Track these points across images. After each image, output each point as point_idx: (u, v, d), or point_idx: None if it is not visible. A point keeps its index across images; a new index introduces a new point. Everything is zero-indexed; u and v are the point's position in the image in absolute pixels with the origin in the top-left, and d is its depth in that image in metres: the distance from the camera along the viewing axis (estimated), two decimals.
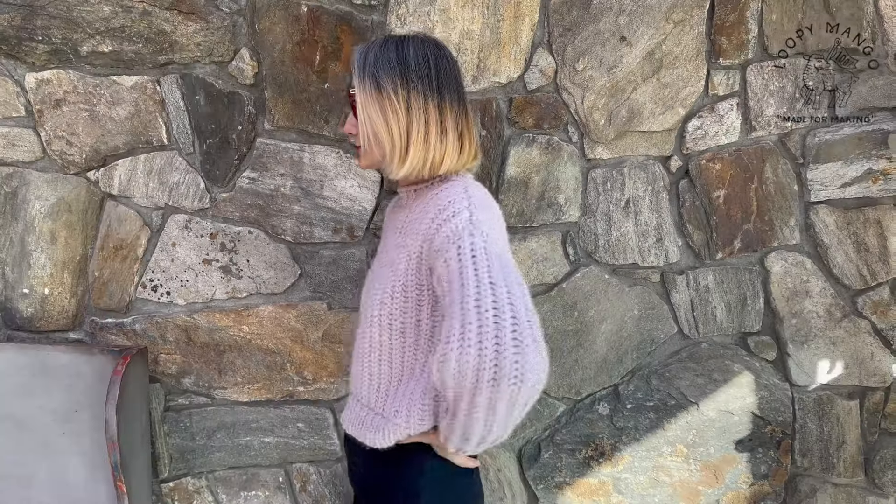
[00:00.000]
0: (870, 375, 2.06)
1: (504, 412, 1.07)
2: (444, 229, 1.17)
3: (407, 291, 1.25)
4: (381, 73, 1.26)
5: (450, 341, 1.05)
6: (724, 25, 1.92)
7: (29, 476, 1.92)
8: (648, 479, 2.12)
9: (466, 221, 1.16)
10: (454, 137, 1.29)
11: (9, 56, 1.84)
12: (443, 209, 1.20)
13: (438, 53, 1.29)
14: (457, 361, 1.04)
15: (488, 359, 1.02)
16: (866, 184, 1.98)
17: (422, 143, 1.26)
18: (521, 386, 1.03)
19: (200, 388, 2.03)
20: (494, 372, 1.02)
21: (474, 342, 1.03)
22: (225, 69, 1.88)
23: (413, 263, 1.24)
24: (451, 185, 1.25)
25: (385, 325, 1.30)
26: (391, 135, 1.27)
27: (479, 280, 1.08)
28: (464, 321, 1.05)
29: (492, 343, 1.02)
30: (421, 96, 1.25)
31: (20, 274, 1.94)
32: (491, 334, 1.03)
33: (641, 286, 2.04)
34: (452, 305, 1.08)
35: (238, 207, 1.94)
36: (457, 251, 1.13)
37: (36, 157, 1.90)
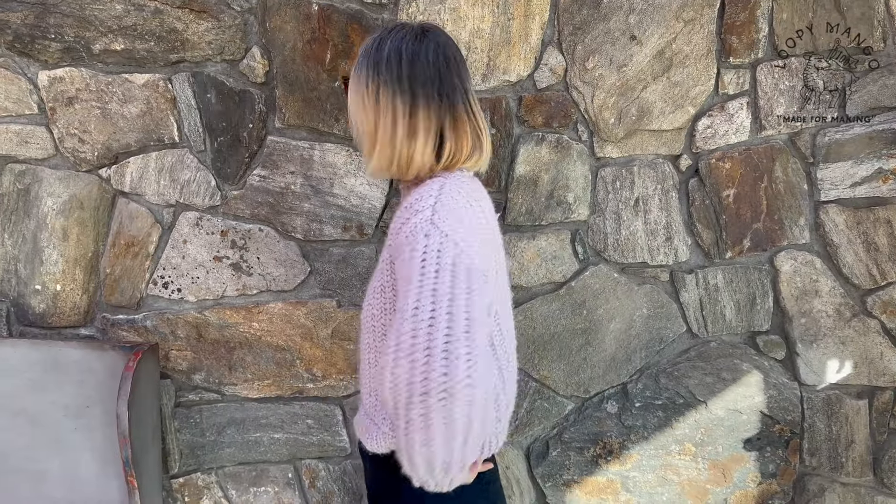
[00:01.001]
0: (879, 375, 2.05)
1: (441, 431, 0.96)
2: (404, 229, 1.11)
3: (385, 293, 1.21)
4: (360, 64, 1.23)
5: (387, 352, 0.99)
6: (735, 24, 1.91)
7: (41, 471, 1.94)
8: (656, 477, 2.12)
9: (426, 221, 1.09)
10: (427, 139, 1.20)
11: (22, 54, 1.85)
12: (408, 207, 1.13)
13: (419, 49, 1.21)
14: (391, 373, 0.98)
15: (419, 371, 0.95)
16: (876, 183, 1.97)
17: (388, 142, 1.20)
18: (451, 401, 0.94)
19: (211, 385, 2.04)
20: (424, 385, 0.95)
21: (406, 353, 0.97)
22: (236, 67, 1.89)
23: (386, 264, 1.20)
24: (429, 184, 1.17)
25: (369, 328, 1.26)
26: (361, 128, 1.24)
27: (422, 287, 1.02)
28: (400, 331, 0.99)
29: (423, 355, 0.96)
30: (390, 93, 1.19)
31: (32, 270, 1.96)
32: (422, 346, 0.96)
33: (650, 285, 2.04)
34: (396, 312, 1.03)
35: (249, 205, 1.95)
36: (409, 252, 1.07)
37: (48, 155, 1.92)
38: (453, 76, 1.23)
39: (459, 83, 1.24)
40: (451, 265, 1.04)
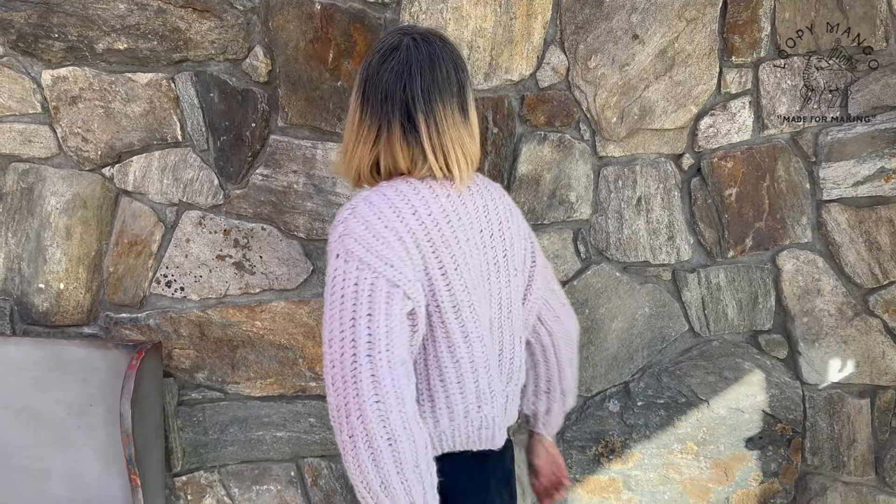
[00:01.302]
0: (881, 374, 2.06)
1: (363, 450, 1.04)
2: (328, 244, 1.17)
3: None
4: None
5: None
6: (737, 23, 1.92)
7: (44, 469, 1.94)
8: (658, 476, 2.12)
9: (336, 239, 1.13)
10: (364, 152, 1.24)
11: (25, 53, 1.86)
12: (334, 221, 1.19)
13: (382, 66, 1.23)
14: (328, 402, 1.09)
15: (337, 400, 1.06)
16: (879, 182, 1.98)
17: (343, 144, 1.30)
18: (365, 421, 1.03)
19: (213, 383, 2.04)
20: (346, 410, 1.05)
21: (329, 384, 1.08)
22: (239, 67, 1.90)
23: None
24: (357, 195, 1.22)
25: None
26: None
27: (331, 315, 1.09)
28: (324, 362, 1.10)
29: (340, 383, 1.05)
30: (354, 100, 1.27)
31: (36, 269, 1.96)
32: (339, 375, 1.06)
33: (652, 284, 2.04)
34: None
35: (251, 204, 1.96)
36: (328, 272, 1.13)
37: (52, 154, 1.92)
38: (399, 93, 1.22)
39: (406, 100, 1.22)
40: (353, 287, 1.09)
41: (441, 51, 1.26)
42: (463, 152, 1.25)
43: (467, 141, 1.26)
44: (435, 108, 1.22)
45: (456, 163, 1.24)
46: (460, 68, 1.27)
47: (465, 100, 1.27)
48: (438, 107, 1.23)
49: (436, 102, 1.23)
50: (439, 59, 1.25)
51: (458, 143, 1.25)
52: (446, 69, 1.25)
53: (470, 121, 1.28)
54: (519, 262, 1.40)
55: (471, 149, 1.27)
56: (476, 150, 1.29)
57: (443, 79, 1.24)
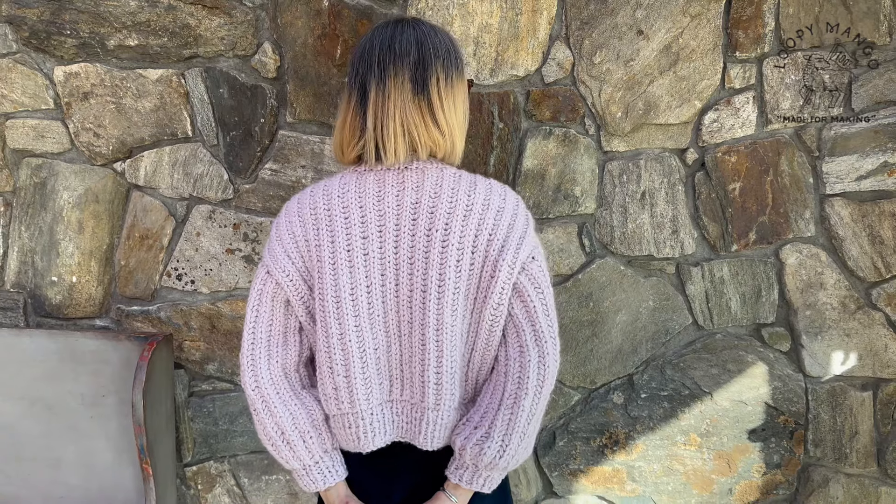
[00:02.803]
0: (884, 367, 2.07)
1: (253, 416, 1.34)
2: None
3: None
4: None
5: None
6: (741, 19, 1.93)
7: (58, 459, 1.98)
8: (662, 467, 2.15)
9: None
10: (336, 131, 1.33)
11: (38, 50, 1.89)
12: None
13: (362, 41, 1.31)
14: None
15: None
16: (882, 177, 1.99)
17: None
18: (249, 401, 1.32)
19: (223, 375, 2.07)
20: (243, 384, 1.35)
21: None
22: (248, 63, 1.92)
23: None
24: None
25: None
26: None
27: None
28: None
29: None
30: None
31: (49, 262, 1.99)
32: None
33: (656, 277, 2.06)
34: None
35: (260, 198, 1.98)
36: None
37: (64, 149, 1.95)
38: (359, 65, 1.27)
39: (361, 72, 1.26)
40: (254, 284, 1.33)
41: (409, 28, 1.27)
42: (405, 129, 1.23)
43: (417, 120, 1.23)
44: (386, 76, 1.23)
45: (393, 137, 1.23)
46: (427, 47, 1.25)
47: (425, 76, 1.23)
48: (390, 75, 1.23)
49: (388, 71, 1.23)
50: (403, 34, 1.26)
51: (400, 116, 1.23)
52: (406, 43, 1.25)
53: (429, 101, 1.24)
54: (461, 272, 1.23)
55: (421, 130, 1.24)
56: (433, 136, 1.25)
57: (401, 51, 1.24)
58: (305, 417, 1.31)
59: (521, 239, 1.24)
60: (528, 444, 1.28)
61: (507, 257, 1.22)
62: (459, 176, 1.28)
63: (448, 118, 1.26)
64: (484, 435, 1.25)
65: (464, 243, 1.22)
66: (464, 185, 1.26)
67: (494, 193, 1.27)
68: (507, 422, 1.24)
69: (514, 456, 1.26)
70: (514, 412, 1.23)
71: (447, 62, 1.27)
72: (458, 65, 1.30)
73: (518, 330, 1.26)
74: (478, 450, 1.24)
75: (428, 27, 1.29)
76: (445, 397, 1.27)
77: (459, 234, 1.22)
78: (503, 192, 1.29)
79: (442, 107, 1.25)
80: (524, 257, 1.24)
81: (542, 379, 1.24)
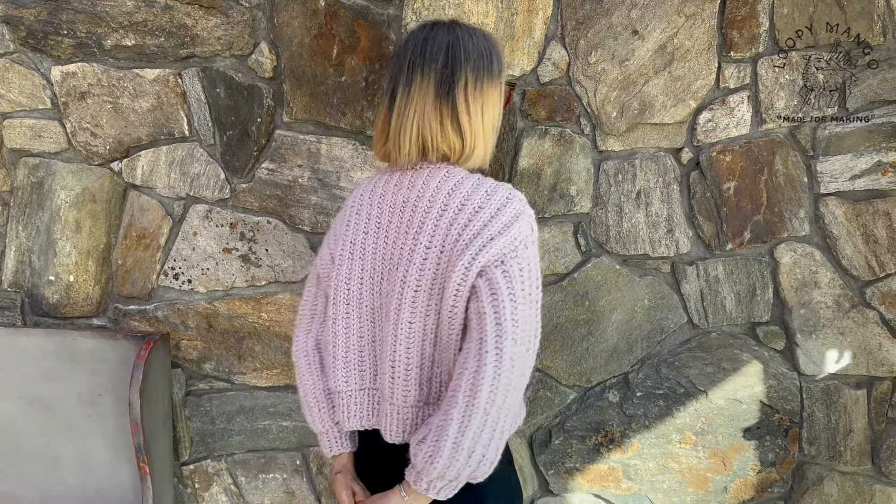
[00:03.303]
0: (877, 365, 2.08)
1: None
2: None
3: None
4: None
5: None
6: (736, 19, 1.94)
7: (55, 457, 1.98)
8: (657, 465, 2.16)
9: None
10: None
11: (35, 49, 1.89)
12: None
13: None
14: None
15: None
16: (876, 176, 2.00)
17: None
18: None
19: (220, 374, 2.08)
20: None
21: None
22: (244, 62, 1.93)
23: None
24: None
25: None
26: None
27: None
28: None
29: None
30: None
31: (46, 262, 2.00)
32: None
33: (652, 276, 2.07)
34: None
35: (257, 198, 1.99)
36: None
37: (61, 149, 1.96)
38: (393, 68, 1.33)
39: (394, 75, 1.31)
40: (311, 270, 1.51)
41: (444, 31, 1.29)
42: (419, 132, 1.26)
43: (435, 124, 1.25)
44: (413, 79, 1.27)
45: (407, 140, 1.27)
46: (458, 50, 1.26)
47: (452, 80, 1.25)
48: (416, 78, 1.27)
49: (415, 74, 1.27)
50: (437, 37, 1.28)
51: (417, 120, 1.26)
52: (438, 46, 1.27)
53: (454, 105, 1.25)
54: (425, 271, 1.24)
55: (437, 134, 1.25)
56: (449, 140, 1.26)
57: (431, 55, 1.27)
58: (322, 389, 1.41)
59: (490, 241, 1.18)
60: (480, 459, 1.17)
61: (465, 260, 1.18)
62: (459, 177, 1.27)
63: (473, 123, 1.28)
64: (434, 443, 1.17)
65: (433, 243, 1.23)
66: (449, 186, 1.25)
67: (478, 193, 1.23)
68: (455, 433, 1.15)
69: (465, 469, 1.17)
70: (462, 424, 1.14)
71: (479, 66, 1.28)
72: (493, 69, 1.30)
73: (471, 336, 1.19)
74: (427, 456, 1.17)
75: (465, 30, 1.30)
76: (398, 391, 1.28)
77: (430, 233, 1.23)
78: (493, 192, 1.23)
79: (468, 111, 1.26)
80: (486, 260, 1.18)
81: (493, 393, 1.14)
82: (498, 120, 1.35)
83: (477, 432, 1.15)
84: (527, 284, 1.19)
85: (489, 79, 1.29)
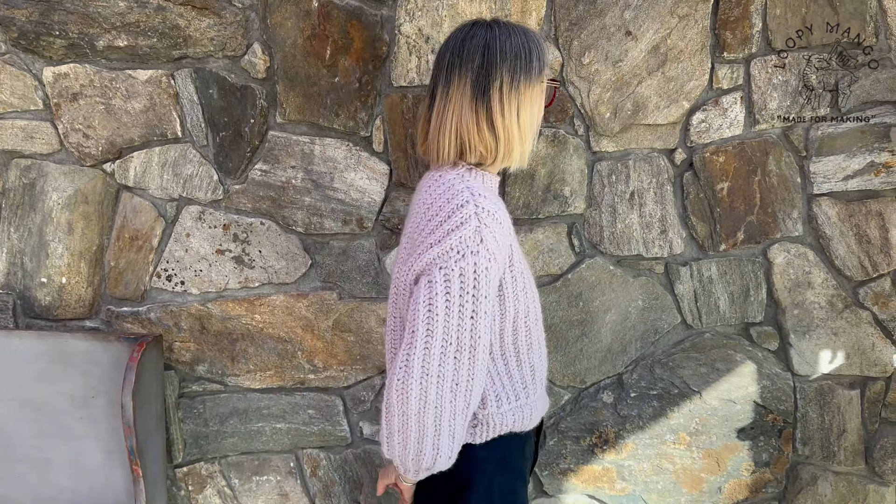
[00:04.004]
0: (871, 365, 2.09)
1: None
2: None
3: None
4: None
5: None
6: (729, 20, 1.94)
7: (47, 460, 1.97)
8: (652, 466, 2.16)
9: None
10: None
11: (27, 50, 1.88)
12: None
13: None
14: None
15: None
16: (868, 176, 2.00)
17: None
18: None
19: (214, 376, 2.08)
20: None
21: None
22: (237, 63, 1.92)
23: None
24: None
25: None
26: None
27: None
28: None
29: None
30: None
31: (38, 263, 1.99)
32: None
33: (645, 277, 2.07)
34: None
35: (250, 199, 1.98)
36: None
37: (53, 150, 1.95)
38: (434, 69, 1.37)
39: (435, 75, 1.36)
40: None
41: (482, 30, 1.30)
42: (458, 134, 1.29)
43: (472, 126, 1.28)
44: (451, 80, 1.30)
45: (446, 143, 1.30)
46: (493, 50, 1.27)
47: (487, 81, 1.26)
48: (454, 79, 1.29)
49: (453, 75, 1.29)
50: (475, 37, 1.30)
51: (456, 122, 1.29)
52: (475, 46, 1.29)
53: (489, 107, 1.27)
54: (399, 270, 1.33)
55: (473, 135, 1.28)
56: (486, 142, 1.29)
57: (468, 55, 1.29)
58: None
59: (429, 248, 1.21)
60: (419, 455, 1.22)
61: (409, 264, 1.26)
62: (438, 175, 1.31)
63: (507, 124, 1.29)
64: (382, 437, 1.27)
65: (404, 242, 1.31)
66: (427, 185, 1.30)
67: (440, 196, 1.25)
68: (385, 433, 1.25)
69: (411, 465, 1.24)
70: (386, 427, 1.24)
71: (515, 66, 1.28)
72: (531, 68, 1.30)
73: None
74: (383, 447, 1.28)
75: (503, 29, 1.31)
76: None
77: (406, 233, 1.31)
78: (452, 196, 1.24)
79: (502, 112, 1.28)
80: (419, 268, 1.23)
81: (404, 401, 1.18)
82: (538, 118, 1.36)
83: (402, 434, 1.21)
84: (456, 295, 1.18)
85: (526, 79, 1.30)
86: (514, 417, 1.36)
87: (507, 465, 1.38)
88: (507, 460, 1.38)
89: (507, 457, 1.38)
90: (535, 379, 1.42)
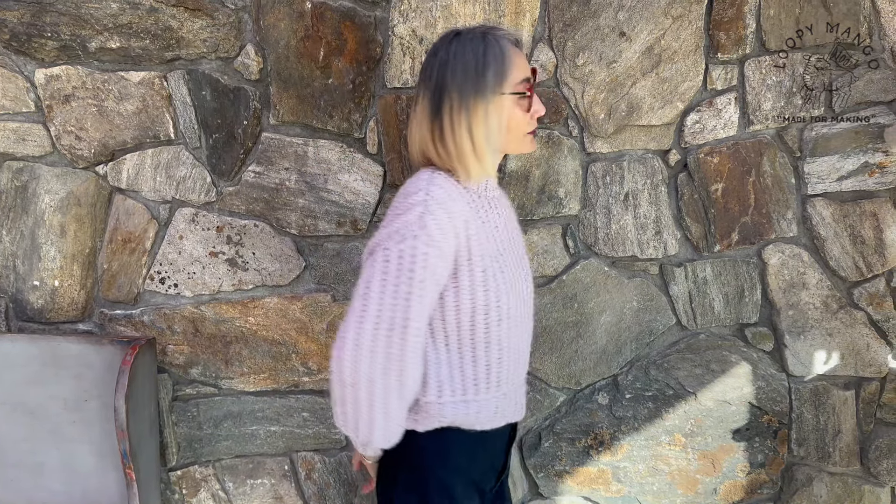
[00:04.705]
0: (866, 366, 2.09)
1: None
2: None
3: None
4: None
5: None
6: (723, 21, 1.94)
7: (40, 464, 1.96)
8: (647, 467, 2.15)
9: None
10: None
11: (19, 52, 1.87)
12: None
13: None
14: None
15: None
16: (863, 177, 2.00)
17: None
18: None
19: (207, 379, 2.07)
20: None
21: None
22: (230, 65, 1.92)
23: None
24: None
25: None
26: None
27: None
28: None
29: None
30: None
31: (31, 266, 1.98)
32: None
33: (640, 278, 2.07)
34: None
35: (244, 201, 1.98)
36: None
37: (45, 152, 1.94)
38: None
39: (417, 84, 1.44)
40: None
41: (445, 47, 1.35)
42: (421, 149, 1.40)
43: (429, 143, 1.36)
44: (418, 97, 1.38)
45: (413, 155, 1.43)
46: (445, 71, 1.32)
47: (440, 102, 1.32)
48: (419, 97, 1.38)
49: (419, 93, 1.38)
50: (437, 55, 1.35)
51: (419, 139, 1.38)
52: (433, 67, 1.35)
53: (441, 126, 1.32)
54: None
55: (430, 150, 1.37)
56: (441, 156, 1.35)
57: (429, 72, 1.36)
58: None
59: (380, 229, 1.28)
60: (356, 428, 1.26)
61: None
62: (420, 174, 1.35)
63: (459, 143, 1.31)
64: None
65: None
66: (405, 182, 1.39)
67: (405, 187, 1.32)
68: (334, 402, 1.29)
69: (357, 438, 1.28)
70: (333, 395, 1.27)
71: (464, 85, 1.30)
72: (483, 84, 1.31)
73: None
74: None
75: (462, 45, 1.33)
76: None
77: None
78: (412, 188, 1.30)
79: (452, 132, 1.31)
80: (369, 247, 1.29)
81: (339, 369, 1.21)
82: (496, 132, 1.34)
83: (341, 405, 1.24)
84: (393, 275, 1.22)
85: (478, 95, 1.30)
86: (457, 411, 1.34)
87: (449, 461, 1.36)
88: (449, 456, 1.36)
89: (451, 453, 1.36)
90: (490, 378, 1.37)
